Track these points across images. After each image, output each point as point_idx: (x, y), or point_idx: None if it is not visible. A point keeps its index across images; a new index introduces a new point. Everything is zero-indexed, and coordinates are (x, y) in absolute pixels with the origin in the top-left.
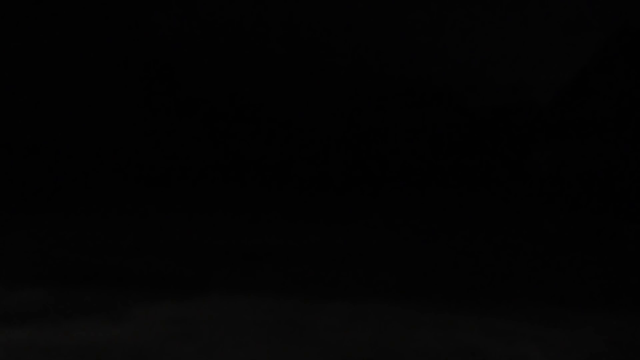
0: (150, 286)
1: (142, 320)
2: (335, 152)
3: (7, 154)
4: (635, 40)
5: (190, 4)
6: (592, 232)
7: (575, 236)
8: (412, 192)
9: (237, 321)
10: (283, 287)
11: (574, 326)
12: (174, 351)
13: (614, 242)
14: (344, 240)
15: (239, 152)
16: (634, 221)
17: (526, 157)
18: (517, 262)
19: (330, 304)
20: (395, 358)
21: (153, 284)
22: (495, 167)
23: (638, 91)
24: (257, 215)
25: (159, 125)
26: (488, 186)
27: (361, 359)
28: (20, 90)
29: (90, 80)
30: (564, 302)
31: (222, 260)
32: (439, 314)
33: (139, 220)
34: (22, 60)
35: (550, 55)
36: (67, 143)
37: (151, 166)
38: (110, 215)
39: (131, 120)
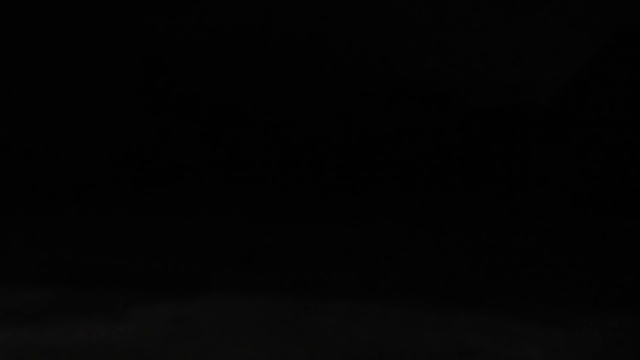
0: (150, 286)
1: (142, 320)
2: (335, 152)
3: (7, 154)
4: (635, 40)
5: (190, 3)
6: (592, 232)
7: (575, 236)
8: (412, 192)
9: (237, 321)
10: (283, 287)
11: (574, 326)
12: (174, 351)
13: (614, 242)
14: (344, 240)
15: (238, 152)
16: (634, 221)
17: (526, 157)
18: (517, 262)
19: (330, 304)
20: (395, 358)
21: (153, 284)
22: (495, 167)
23: (638, 91)
24: (256, 215)
25: (158, 124)
26: (488, 186)
27: (361, 359)
28: (19, 90)
29: (88, 79)
30: (564, 302)
31: (222, 260)
32: (439, 314)
33: (139, 220)
34: (21, 60)
35: (551, 55)
36: (66, 143)
37: (150, 166)
38: (110, 215)
39: (131, 120)
